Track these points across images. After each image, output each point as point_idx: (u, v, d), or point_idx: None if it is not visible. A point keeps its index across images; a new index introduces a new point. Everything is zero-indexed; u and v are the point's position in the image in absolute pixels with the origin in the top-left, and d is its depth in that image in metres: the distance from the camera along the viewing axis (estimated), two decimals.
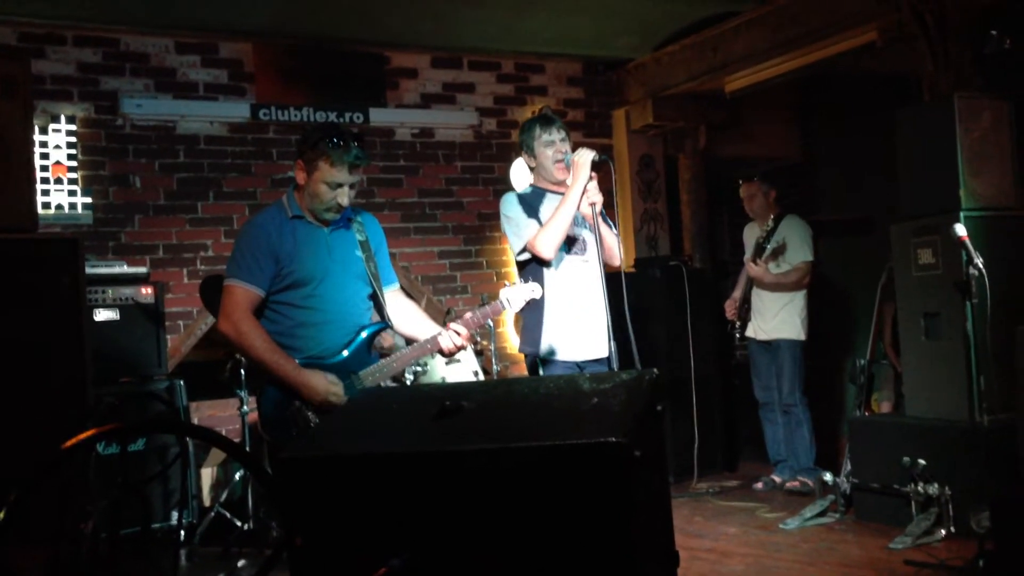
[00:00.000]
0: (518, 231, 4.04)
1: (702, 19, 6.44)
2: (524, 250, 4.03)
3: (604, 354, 4.02)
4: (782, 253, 5.94)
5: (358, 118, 6.48)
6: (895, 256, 5.04)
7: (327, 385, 3.28)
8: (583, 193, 3.90)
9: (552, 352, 4.03)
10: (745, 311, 6.12)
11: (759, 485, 6.02)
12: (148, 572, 3.12)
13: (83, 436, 1.61)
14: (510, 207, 4.10)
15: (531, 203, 4.11)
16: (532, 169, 4.25)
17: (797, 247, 5.95)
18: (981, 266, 3.89)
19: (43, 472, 1.59)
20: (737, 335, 6.21)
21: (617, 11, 6.31)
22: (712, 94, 6.93)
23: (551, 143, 4.10)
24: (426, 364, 5.62)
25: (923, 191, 4.87)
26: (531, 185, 4.26)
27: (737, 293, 6.23)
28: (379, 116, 6.58)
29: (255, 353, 3.28)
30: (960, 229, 4.05)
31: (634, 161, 7.42)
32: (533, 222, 4.02)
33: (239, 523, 5.12)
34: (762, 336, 6.05)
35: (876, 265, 5.73)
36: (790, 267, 5.95)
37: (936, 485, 4.55)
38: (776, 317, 5.96)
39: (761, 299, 6.03)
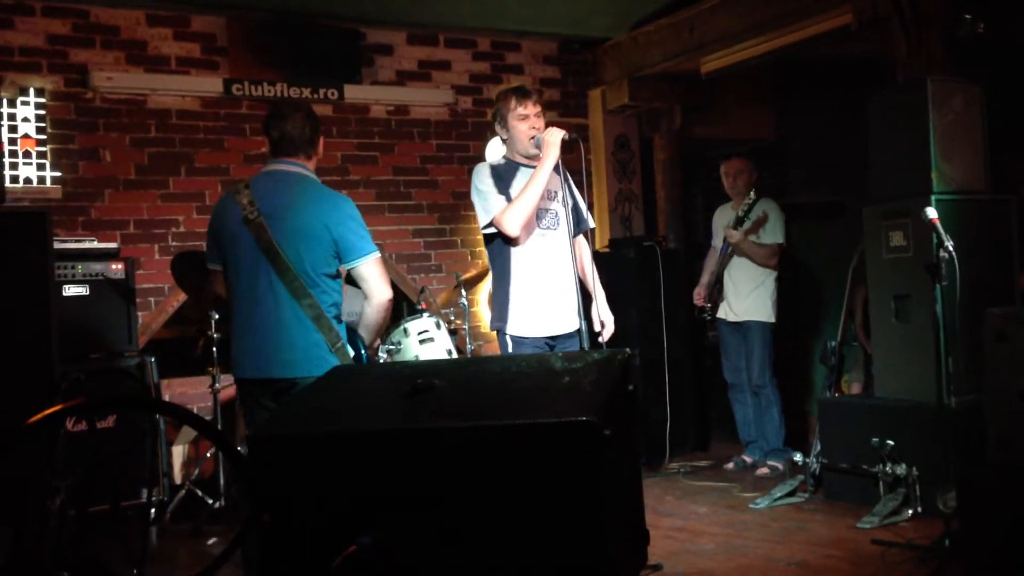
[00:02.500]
0: (486, 205, 4.00)
1: None
2: (490, 224, 4.00)
3: (573, 328, 4.03)
4: (762, 226, 5.95)
5: (333, 95, 6.42)
6: (866, 238, 5.08)
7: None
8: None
9: (520, 328, 4.01)
10: (716, 292, 6.13)
11: (730, 465, 6.07)
12: (117, 550, 3.10)
13: (48, 411, 1.60)
14: (481, 179, 4.04)
15: (503, 176, 4.05)
16: (504, 141, 4.20)
17: (771, 228, 5.97)
18: (951, 249, 3.91)
19: (7, 447, 1.57)
20: (707, 318, 6.22)
21: None
22: (688, 75, 6.92)
23: (525, 117, 4.06)
24: (400, 342, 5.61)
25: (895, 174, 4.89)
26: (504, 157, 4.19)
27: (705, 279, 6.23)
28: (354, 93, 6.52)
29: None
30: (931, 212, 4.07)
31: (609, 141, 7.41)
32: (502, 198, 3.98)
33: (210, 501, 5.12)
34: (732, 318, 6.07)
35: (848, 248, 5.76)
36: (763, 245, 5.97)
37: (904, 465, 4.61)
38: (748, 299, 5.97)
39: (733, 280, 6.04)
